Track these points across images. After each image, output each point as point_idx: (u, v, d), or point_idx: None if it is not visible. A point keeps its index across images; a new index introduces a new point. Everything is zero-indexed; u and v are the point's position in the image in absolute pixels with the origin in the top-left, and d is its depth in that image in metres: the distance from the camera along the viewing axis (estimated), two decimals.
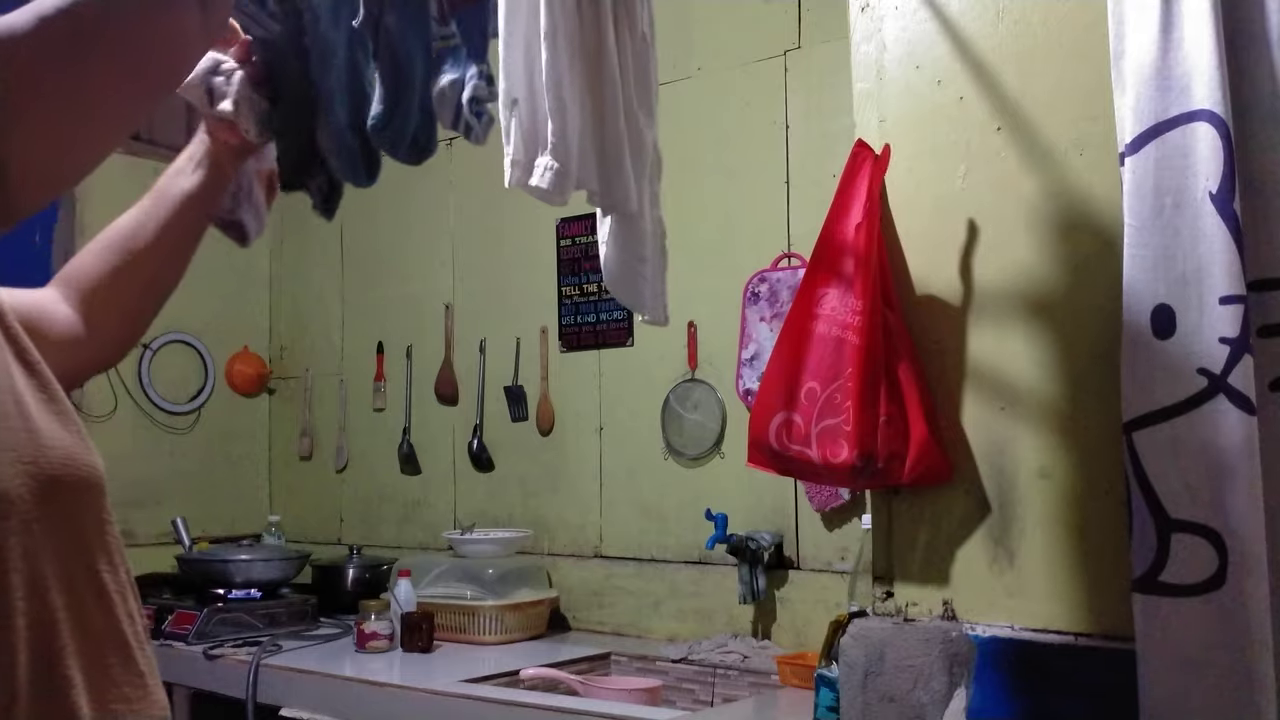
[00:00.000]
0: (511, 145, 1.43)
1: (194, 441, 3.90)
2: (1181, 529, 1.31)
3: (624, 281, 1.57)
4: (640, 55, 1.52)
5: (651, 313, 1.60)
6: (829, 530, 2.73)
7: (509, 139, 1.44)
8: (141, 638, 0.88)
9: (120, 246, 1.16)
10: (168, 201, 1.18)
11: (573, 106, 1.41)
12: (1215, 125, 1.32)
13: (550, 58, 1.38)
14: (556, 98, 1.39)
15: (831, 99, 2.71)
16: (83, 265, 1.16)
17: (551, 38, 1.38)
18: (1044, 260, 1.54)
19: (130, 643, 0.86)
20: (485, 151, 1.41)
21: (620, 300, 1.60)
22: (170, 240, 1.17)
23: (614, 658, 2.89)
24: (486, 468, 3.49)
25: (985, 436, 1.58)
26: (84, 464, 0.84)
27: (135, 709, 0.85)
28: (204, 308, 3.94)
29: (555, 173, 1.39)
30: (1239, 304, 1.30)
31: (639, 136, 1.52)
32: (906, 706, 1.57)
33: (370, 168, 1.29)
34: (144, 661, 0.87)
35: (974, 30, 1.62)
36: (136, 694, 0.86)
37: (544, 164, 1.40)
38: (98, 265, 1.16)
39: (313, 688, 2.67)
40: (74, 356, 1.11)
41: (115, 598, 0.86)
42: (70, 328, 1.12)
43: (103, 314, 1.14)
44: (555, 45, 1.39)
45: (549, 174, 1.39)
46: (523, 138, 1.42)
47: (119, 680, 0.84)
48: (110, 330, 1.16)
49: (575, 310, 3.29)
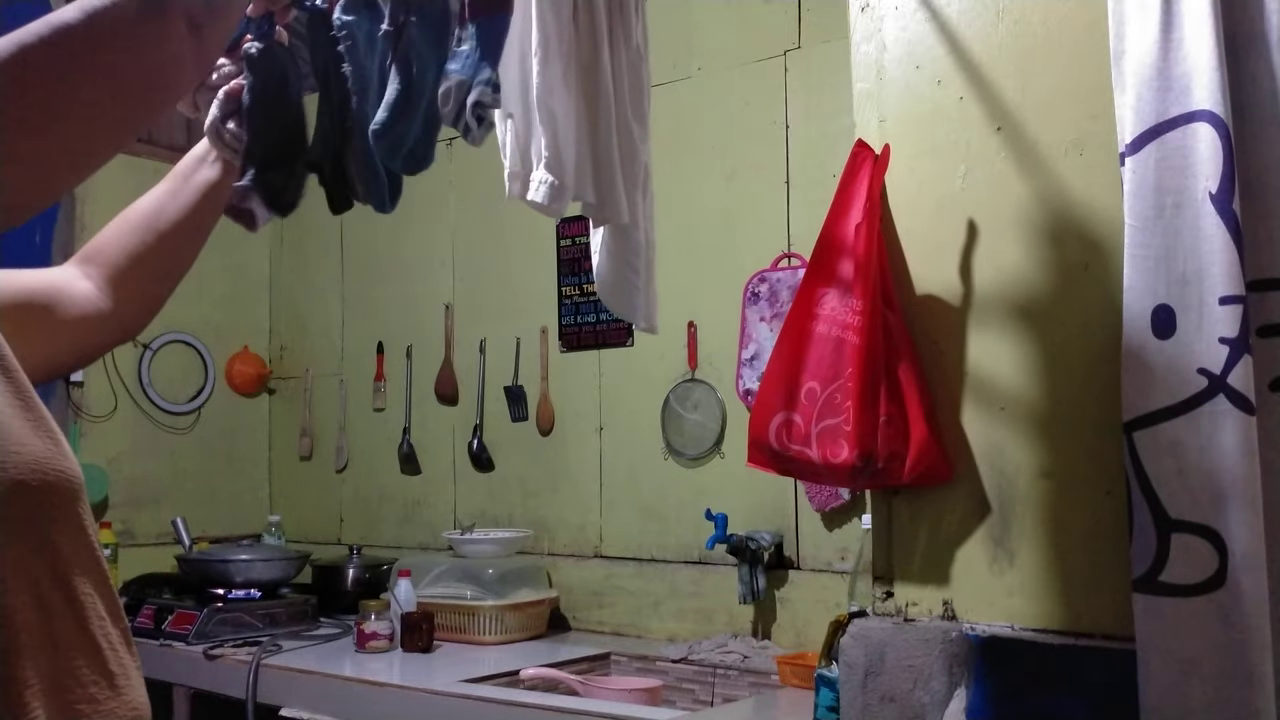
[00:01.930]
0: (508, 159, 1.44)
1: (194, 441, 3.90)
2: (1181, 529, 1.31)
3: (617, 291, 1.58)
4: (634, 67, 1.52)
5: (646, 320, 1.60)
6: (829, 530, 2.73)
7: (506, 152, 1.44)
8: (114, 640, 0.88)
9: (145, 226, 1.22)
10: (190, 188, 1.23)
11: (565, 120, 1.42)
12: (1215, 126, 1.32)
13: (542, 71, 1.39)
14: (548, 111, 1.39)
15: (831, 99, 2.71)
16: (107, 243, 1.21)
17: (544, 51, 1.39)
18: (1044, 260, 1.54)
19: (100, 645, 0.87)
20: (485, 152, 1.41)
21: (612, 309, 1.61)
22: (193, 223, 1.23)
23: (614, 658, 2.89)
24: (486, 468, 3.49)
25: (985, 436, 1.58)
26: (53, 469, 0.84)
27: (102, 709, 0.85)
28: (204, 308, 3.95)
29: (551, 186, 1.40)
30: (1239, 304, 1.30)
31: (632, 149, 1.52)
32: (906, 706, 1.57)
33: (395, 194, 1.31)
34: (116, 663, 0.88)
35: (974, 30, 1.62)
36: (104, 694, 0.86)
37: (539, 178, 1.41)
38: (123, 243, 1.21)
39: (313, 688, 2.67)
40: (96, 330, 1.17)
41: (86, 600, 0.86)
42: (92, 303, 1.17)
43: (127, 289, 1.19)
44: (547, 59, 1.39)
45: (544, 188, 1.40)
46: (519, 151, 1.43)
47: (85, 681, 0.85)
48: (134, 304, 1.21)
49: (575, 310, 3.30)
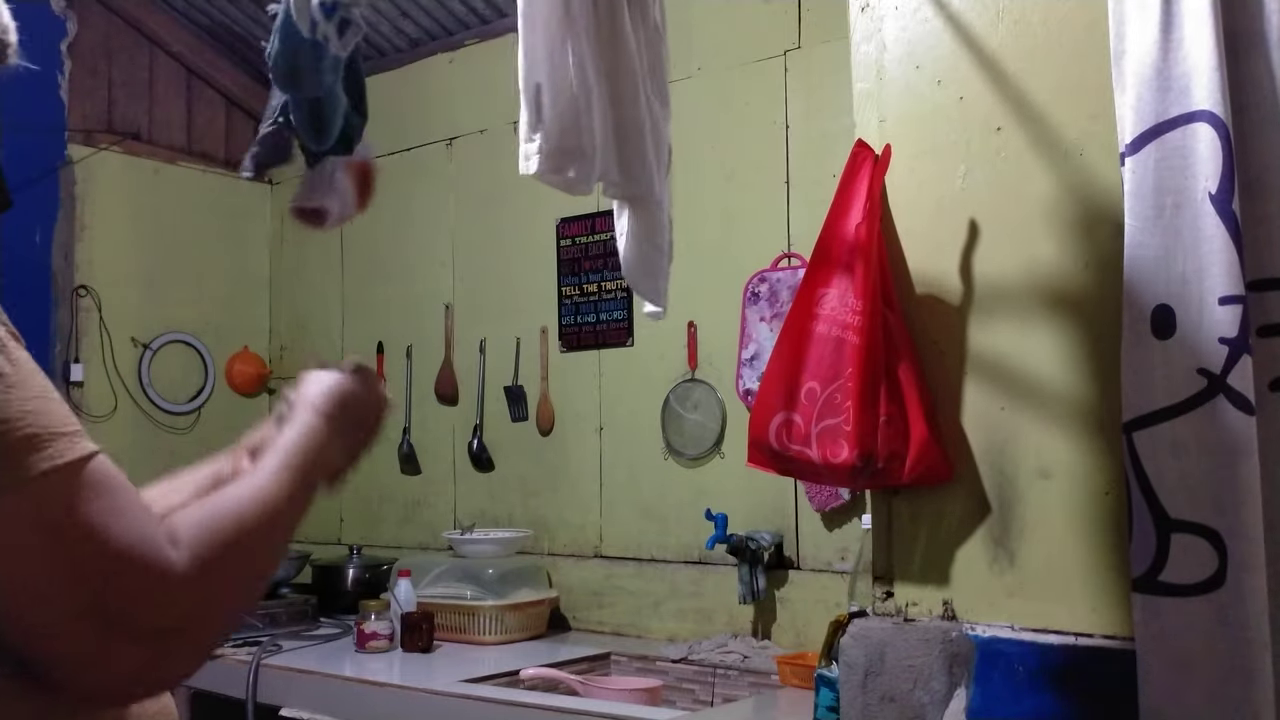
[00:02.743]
0: (524, 134, 1.40)
1: (194, 441, 3.90)
2: (1181, 529, 1.31)
3: (643, 271, 1.56)
4: (654, 45, 1.50)
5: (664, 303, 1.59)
6: (829, 530, 2.73)
7: (528, 127, 1.41)
8: None
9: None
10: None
11: (593, 94, 1.39)
12: (1215, 126, 1.32)
13: (572, 46, 1.36)
14: (582, 84, 1.36)
15: (831, 99, 2.71)
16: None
17: (570, 26, 1.36)
18: (1044, 260, 1.54)
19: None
20: (485, 151, 1.40)
21: (637, 290, 1.59)
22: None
23: (614, 658, 2.89)
24: (486, 468, 3.49)
25: (985, 436, 1.58)
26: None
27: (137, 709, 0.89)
28: (204, 308, 3.95)
29: (579, 163, 1.37)
30: (1238, 304, 1.30)
31: (657, 125, 1.50)
32: (906, 706, 1.57)
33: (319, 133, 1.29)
34: None
35: (974, 30, 1.62)
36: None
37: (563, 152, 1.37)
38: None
39: (313, 688, 2.67)
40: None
41: None
42: None
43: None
44: (575, 33, 1.36)
45: (572, 163, 1.37)
46: (543, 126, 1.39)
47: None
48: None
49: (575, 310, 3.29)
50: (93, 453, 0.78)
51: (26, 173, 3.30)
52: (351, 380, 1.12)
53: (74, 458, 0.76)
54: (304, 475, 0.98)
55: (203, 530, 0.83)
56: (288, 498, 0.93)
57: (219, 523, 0.85)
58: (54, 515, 0.74)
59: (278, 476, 0.94)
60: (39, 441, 0.74)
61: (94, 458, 0.77)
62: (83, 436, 0.78)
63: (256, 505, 0.90)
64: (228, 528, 0.85)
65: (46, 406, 0.76)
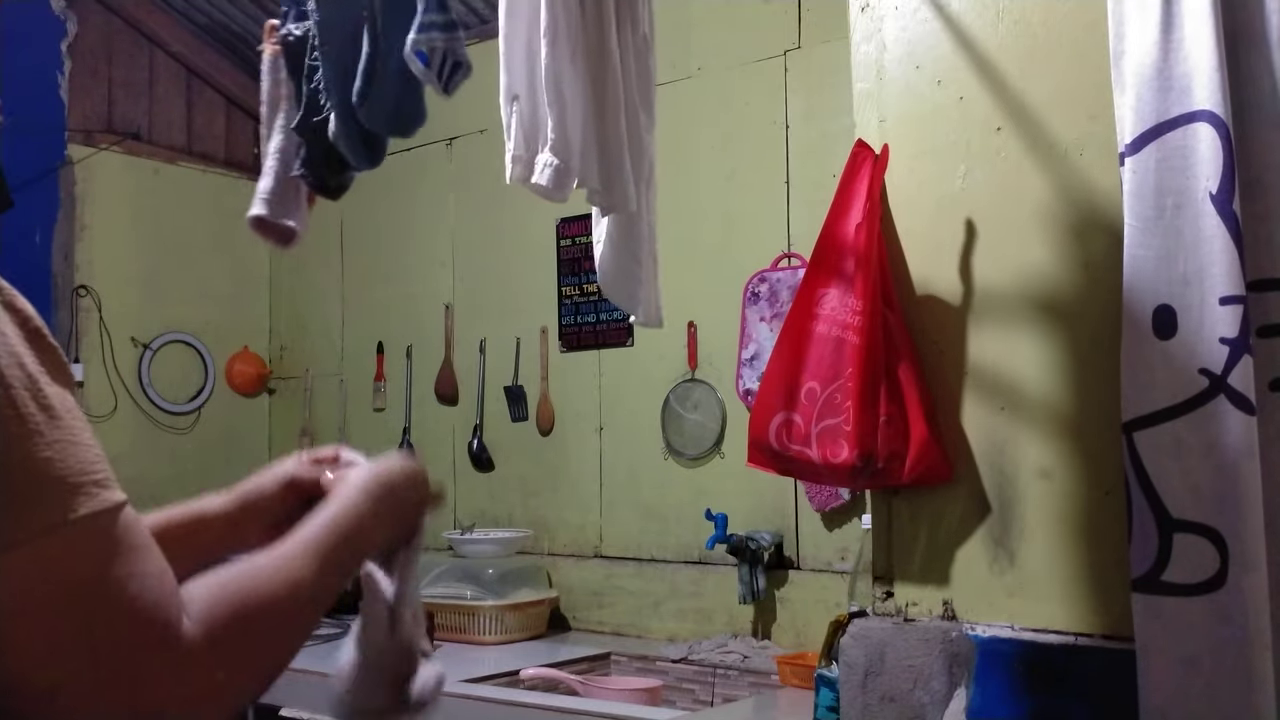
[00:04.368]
0: (512, 141, 1.43)
1: (194, 441, 3.90)
2: (1183, 529, 1.31)
3: (619, 282, 1.57)
4: (641, 55, 1.52)
5: (645, 314, 1.60)
6: (829, 530, 2.73)
7: (510, 134, 1.43)
8: None
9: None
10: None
11: (574, 103, 1.41)
12: (1215, 126, 1.32)
13: (550, 54, 1.38)
14: (557, 94, 1.38)
15: (831, 99, 2.71)
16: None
17: (552, 34, 1.38)
18: (1044, 260, 1.54)
19: None
20: (485, 151, 1.41)
21: (614, 300, 1.60)
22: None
23: (614, 658, 2.89)
24: (486, 468, 3.49)
25: (985, 436, 1.58)
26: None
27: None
28: (204, 308, 3.95)
29: (555, 170, 1.39)
30: (1239, 304, 1.30)
31: (639, 137, 1.52)
32: (906, 706, 1.57)
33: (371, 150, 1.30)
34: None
35: (974, 30, 1.62)
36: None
37: (544, 160, 1.39)
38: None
39: (313, 688, 2.67)
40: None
41: None
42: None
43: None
44: (555, 42, 1.38)
45: (549, 170, 1.39)
46: (524, 134, 1.42)
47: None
48: None
49: (575, 310, 3.29)
50: (117, 504, 0.71)
51: (26, 173, 3.29)
52: (399, 466, 1.05)
53: (88, 511, 0.68)
54: (339, 556, 0.90)
55: (218, 604, 0.76)
56: (317, 578, 0.86)
57: (238, 596, 0.78)
58: (61, 572, 0.68)
59: (310, 554, 0.86)
60: (57, 491, 0.68)
61: (116, 510, 0.70)
62: (105, 486, 0.70)
63: (281, 583, 0.83)
64: (248, 603, 0.79)
65: (69, 452, 0.69)
